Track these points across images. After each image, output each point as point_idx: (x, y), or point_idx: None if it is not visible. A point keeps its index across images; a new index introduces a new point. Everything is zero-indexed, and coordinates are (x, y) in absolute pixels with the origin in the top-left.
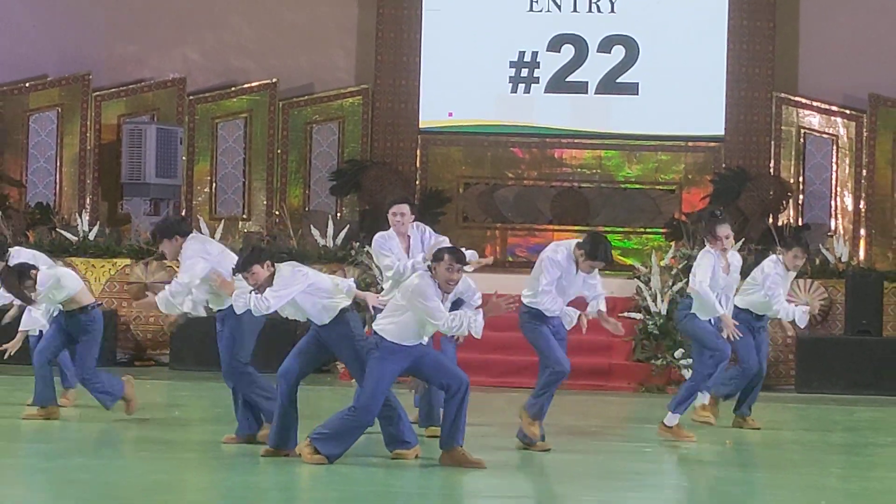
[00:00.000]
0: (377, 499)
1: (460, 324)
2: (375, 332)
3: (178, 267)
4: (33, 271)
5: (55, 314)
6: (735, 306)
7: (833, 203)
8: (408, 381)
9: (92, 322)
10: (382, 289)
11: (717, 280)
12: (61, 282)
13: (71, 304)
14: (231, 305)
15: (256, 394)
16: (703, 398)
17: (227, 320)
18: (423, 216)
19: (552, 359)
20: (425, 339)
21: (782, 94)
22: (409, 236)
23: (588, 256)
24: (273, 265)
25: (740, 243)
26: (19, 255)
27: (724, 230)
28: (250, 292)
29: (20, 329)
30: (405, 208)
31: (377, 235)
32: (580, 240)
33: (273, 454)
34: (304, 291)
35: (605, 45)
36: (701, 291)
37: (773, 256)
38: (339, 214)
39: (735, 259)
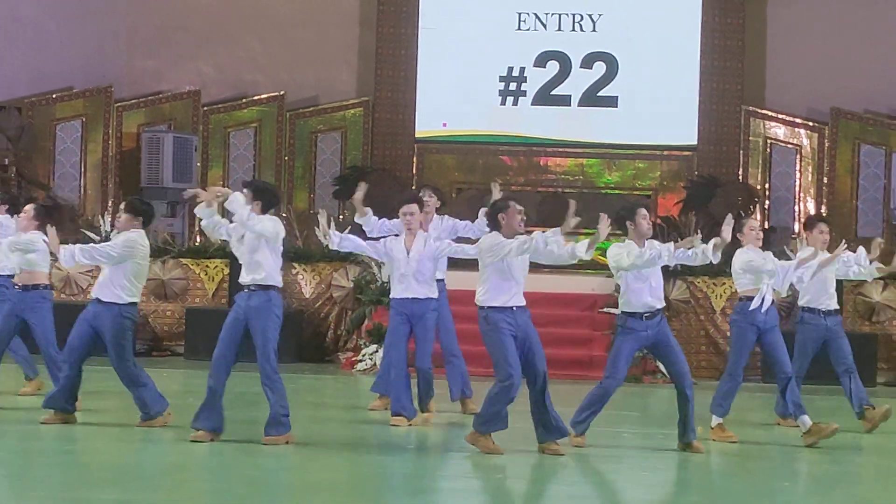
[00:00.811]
0: (378, 480)
1: (528, 241)
2: (480, 308)
3: None
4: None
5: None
6: (807, 309)
7: (797, 208)
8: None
9: (42, 300)
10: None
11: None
12: (39, 249)
13: (28, 277)
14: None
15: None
16: (717, 420)
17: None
18: None
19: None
20: (521, 298)
21: (750, 108)
22: (415, 236)
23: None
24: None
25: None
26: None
27: (752, 223)
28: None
29: None
30: (414, 208)
31: (388, 238)
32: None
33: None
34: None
35: (587, 62)
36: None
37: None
38: (341, 217)
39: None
